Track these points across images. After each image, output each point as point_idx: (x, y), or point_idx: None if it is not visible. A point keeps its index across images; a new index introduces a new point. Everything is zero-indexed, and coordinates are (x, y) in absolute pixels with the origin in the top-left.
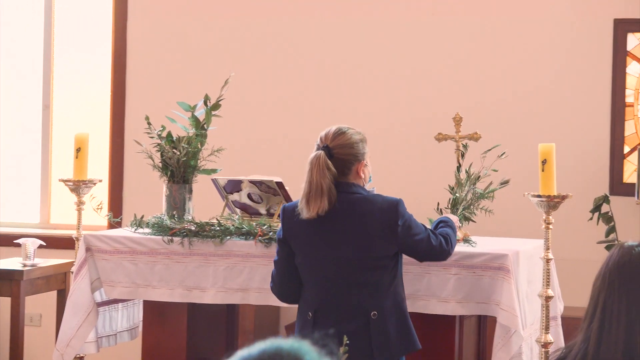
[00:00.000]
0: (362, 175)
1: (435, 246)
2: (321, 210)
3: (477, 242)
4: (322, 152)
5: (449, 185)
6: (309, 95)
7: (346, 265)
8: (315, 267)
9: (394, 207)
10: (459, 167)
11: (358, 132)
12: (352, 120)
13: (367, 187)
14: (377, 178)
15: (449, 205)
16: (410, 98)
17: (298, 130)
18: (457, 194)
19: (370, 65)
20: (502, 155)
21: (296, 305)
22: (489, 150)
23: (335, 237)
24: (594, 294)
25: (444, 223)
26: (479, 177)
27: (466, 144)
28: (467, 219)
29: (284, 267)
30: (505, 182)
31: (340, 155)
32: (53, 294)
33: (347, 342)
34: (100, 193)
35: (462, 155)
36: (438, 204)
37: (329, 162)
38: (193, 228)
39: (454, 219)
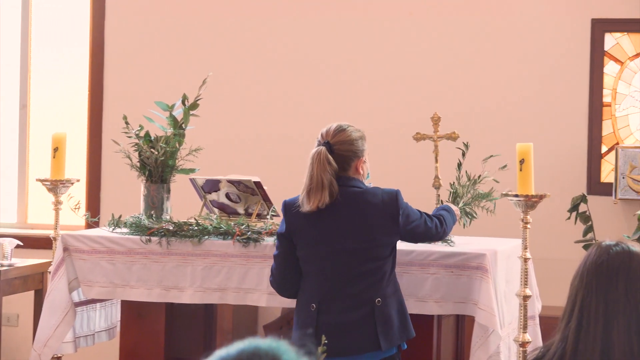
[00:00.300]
0: (361, 172)
1: (431, 227)
2: (322, 203)
3: (455, 242)
4: (323, 148)
5: (450, 183)
6: (287, 95)
7: (350, 256)
8: (319, 259)
9: (394, 198)
10: (459, 165)
11: (357, 130)
12: (330, 120)
13: (366, 182)
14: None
15: (450, 199)
16: (389, 98)
17: (276, 130)
18: (456, 188)
19: (349, 65)
20: (503, 167)
21: (268, 306)
22: (490, 157)
23: (340, 229)
24: (571, 293)
25: (442, 208)
26: (480, 177)
27: (467, 142)
28: (469, 215)
29: (285, 261)
30: (506, 194)
31: (340, 152)
32: (30, 294)
33: (349, 331)
34: (77, 193)
35: (464, 155)
36: (438, 195)
37: (330, 157)
38: (171, 228)
39: (455, 208)
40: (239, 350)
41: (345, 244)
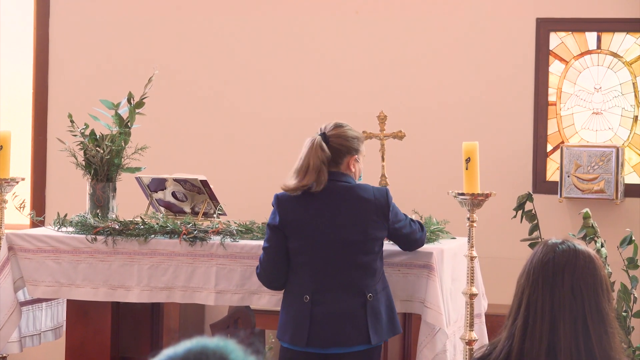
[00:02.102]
0: (353, 170)
1: (415, 230)
2: (304, 183)
3: None
4: (319, 137)
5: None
6: (232, 93)
7: (344, 248)
8: (312, 251)
9: (384, 195)
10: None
11: (356, 131)
12: (275, 120)
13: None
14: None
15: None
16: (335, 96)
17: (222, 128)
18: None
19: (295, 64)
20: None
21: (215, 305)
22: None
23: (333, 221)
24: (518, 291)
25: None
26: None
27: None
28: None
29: (277, 253)
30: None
31: (334, 144)
32: None
33: (342, 322)
34: (22, 191)
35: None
36: None
37: (324, 145)
38: (117, 227)
39: None
40: (187, 349)
41: (339, 236)
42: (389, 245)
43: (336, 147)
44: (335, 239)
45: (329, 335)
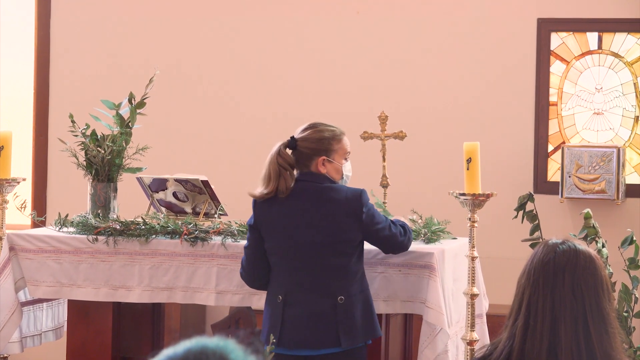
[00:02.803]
0: (324, 170)
1: (395, 234)
2: (268, 191)
3: None
4: (282, 142)
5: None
6: (233, 93)
7: (315, 250)
8: (285, 252)
9: (358, 196)
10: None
11: (331, 130)
12: (274, 121)
13: (341, 184)
14: None
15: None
16: (336, 97)
17: (224, 128)
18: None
19: (296, 64)
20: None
21: (216, 305)
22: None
23: (304, 222)
24: (518, 291)
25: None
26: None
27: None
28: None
29: (254, 253)
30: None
31: (301, 148)
32: None
33: (312, 324)
34: (23, 192)
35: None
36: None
37: (285, 151)
38: (118, 227)
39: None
40: (186, 349)
41: (310, 237)
42: None
43: (302, 151)
44: (305, 240)
45: (298, 337)
